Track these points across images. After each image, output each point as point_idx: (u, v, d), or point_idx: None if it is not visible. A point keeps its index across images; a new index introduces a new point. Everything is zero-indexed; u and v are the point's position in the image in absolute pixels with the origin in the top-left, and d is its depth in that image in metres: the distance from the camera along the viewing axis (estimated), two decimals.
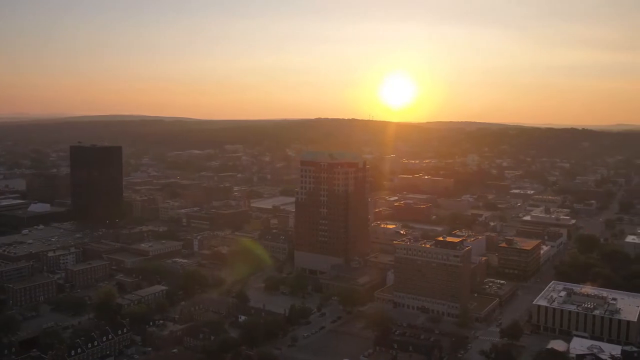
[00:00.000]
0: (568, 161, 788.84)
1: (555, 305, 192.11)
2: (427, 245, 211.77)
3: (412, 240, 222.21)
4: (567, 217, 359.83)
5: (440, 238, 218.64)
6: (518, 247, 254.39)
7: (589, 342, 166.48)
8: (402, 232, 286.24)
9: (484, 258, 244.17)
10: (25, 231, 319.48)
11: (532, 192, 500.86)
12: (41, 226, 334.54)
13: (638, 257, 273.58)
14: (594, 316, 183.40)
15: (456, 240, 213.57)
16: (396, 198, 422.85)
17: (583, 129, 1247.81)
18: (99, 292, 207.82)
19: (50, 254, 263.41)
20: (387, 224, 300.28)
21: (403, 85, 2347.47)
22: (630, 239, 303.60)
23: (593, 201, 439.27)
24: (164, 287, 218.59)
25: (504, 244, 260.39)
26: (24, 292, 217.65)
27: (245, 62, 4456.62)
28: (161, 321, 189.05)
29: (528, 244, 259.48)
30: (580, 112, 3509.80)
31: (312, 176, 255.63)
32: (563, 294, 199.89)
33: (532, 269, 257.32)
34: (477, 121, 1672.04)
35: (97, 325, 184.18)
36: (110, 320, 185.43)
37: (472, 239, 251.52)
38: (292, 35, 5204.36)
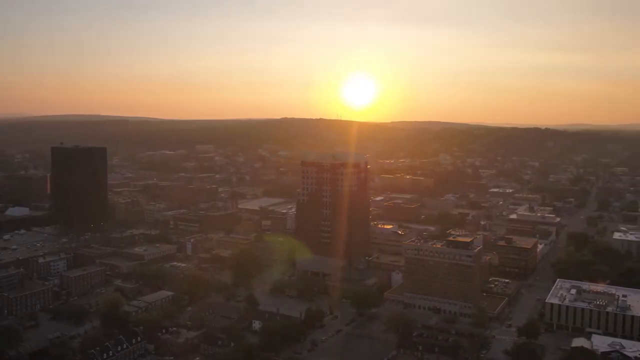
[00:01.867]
0: (537, 160, 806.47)
1: (567, 303, 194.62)
2: (438, 246, 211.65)
3: (421, 241, 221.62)
4: (553, 215, 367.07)
5: (451, 238, 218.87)
6: (518, 245, 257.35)
7: (609, 339, 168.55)
8: (399, 232, 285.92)
9: (487, 257, 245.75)
10: (6, 236, 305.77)
11: (510, 190, 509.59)
12: (22, 231, 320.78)
13: (628, 254, 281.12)
14: (607, 313, 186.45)
15: (467, 240, 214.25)
16: (382, 198, 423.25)
17: (546, 128, 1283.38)
18: (104, 299, 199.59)
19: (41, 260, 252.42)
20: (383, 224, 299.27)
21: (366, 85, 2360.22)
22: (617, 235, 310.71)
23: (572, 199, 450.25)
24: (169, 293, 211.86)
25: (503, 243, 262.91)
26: (20, 300, 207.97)
27: (208, 62, 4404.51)
28: (174, 328, 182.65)
29: (527, 243, 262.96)
30: (538, 112, 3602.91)
31: (314, 177, 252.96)
32: (573, 291, 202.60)
33: (531, 267, 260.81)
34: (441, 121, 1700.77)
35: (106, 335, 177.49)
36: (120, 329, 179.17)
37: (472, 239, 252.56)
38: (254, 36, 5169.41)
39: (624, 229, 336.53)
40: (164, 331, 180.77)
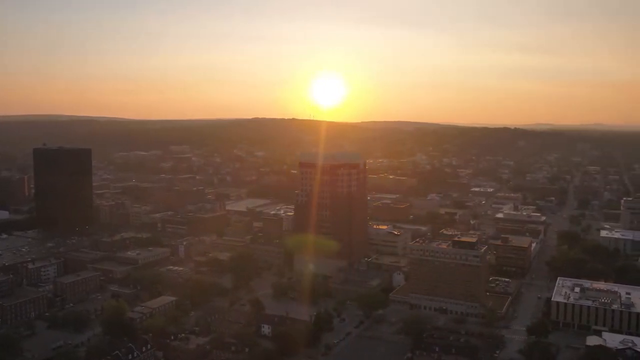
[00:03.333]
0: (511, 159, 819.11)
1: (572, 301, 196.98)
2: (444, 246, 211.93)
3: (427, 242, 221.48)
4: (538, 214, 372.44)
5: (456, 239, 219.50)
6: (514, 245, 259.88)
7: (620, 337, 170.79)
8: (395, 232, 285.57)
9: (487, 257, 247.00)
10: None
11: (491, 190, 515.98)
12: (4, 235, 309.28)
13: (617, 251, 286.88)
14: (613, 311, 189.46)
15: (473, 240, 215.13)
16: (369, 198, 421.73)
17: (516, 128, 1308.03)
18: (108, 305, 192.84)
19: (30, 265, 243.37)
20: (378, 225, 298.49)
21: (336, 85, 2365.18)
22: (604, 233, 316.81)
23: (552, 198, 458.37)
24: (172, 298, 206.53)
25: (499, 242, 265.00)
26: (15, 308, 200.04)
27: (177, 61, 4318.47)
28: (182, 334, 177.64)
29: (523, 242, 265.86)
30: (505, 113, 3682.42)
31: (313, 178, 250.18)
32: (577, 290, 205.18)
33: (527, 266, 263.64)
34: (411, 121, 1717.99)
35: (112, 343, 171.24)
36: (127, 336, 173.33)
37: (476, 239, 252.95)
38: (222, 34, 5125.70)
39: (607, 227, 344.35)
40: (172, 338, 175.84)
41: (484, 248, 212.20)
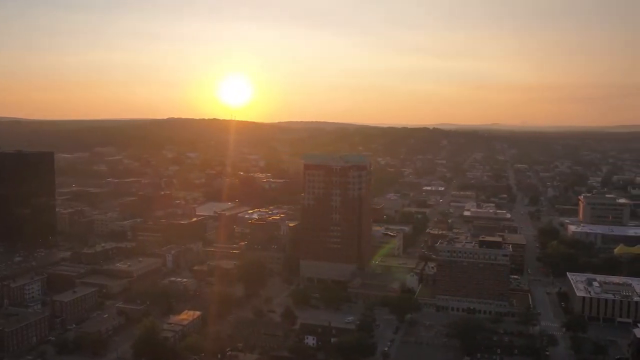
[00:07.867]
0: (441, 158, 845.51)
1: (594, 295, 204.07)
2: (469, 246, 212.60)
3: (451, 243, 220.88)
4: (504, 211, 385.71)
5: (481, 238, 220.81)
6: (513, 242, 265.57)
7: None
8: (391, 233, 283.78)
9: None
10: None
11: (442, 188, 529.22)
12: None
13: (592, 244, 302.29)
14: (636, 303, 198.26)
15: (499, 239, 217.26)
16: None
17: (434, 128, 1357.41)
18: (141, 325, 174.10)
19: (12, 284, 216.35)
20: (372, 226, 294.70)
21: (252, 85, 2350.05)
22: (573, 228, 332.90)
23: (505, 195, 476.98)
24: (197, 312, 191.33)
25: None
26: (16, 333, 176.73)
27: (83, 58, 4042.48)
28: (229, 351, 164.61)
29: (519, 239, 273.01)
30: (411, 113, 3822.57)
31: (321, 180, 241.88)
32: (596, 284, 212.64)
33: (523, 263, 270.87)
34: (329, 121, 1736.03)
35: None
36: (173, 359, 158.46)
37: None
38: (133, 33, 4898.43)
39: (567, 221, 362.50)
40: (219, 356, 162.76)
41: (510, 247, 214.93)
